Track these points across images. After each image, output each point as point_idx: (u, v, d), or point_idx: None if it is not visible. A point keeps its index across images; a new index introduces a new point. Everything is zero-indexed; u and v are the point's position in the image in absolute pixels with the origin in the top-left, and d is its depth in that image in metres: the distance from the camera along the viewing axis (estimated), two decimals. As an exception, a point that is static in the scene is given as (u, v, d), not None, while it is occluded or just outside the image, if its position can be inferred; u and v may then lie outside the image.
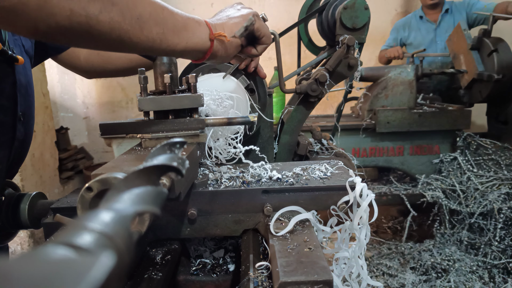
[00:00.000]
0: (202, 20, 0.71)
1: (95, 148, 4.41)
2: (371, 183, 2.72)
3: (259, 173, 0.83)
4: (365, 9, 1.15)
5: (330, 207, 0.76)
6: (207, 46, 0.71)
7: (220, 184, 0.79)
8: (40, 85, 2.89)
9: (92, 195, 0.48)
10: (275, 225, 0.70)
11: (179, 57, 0.74)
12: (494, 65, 2.46)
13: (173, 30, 0.64)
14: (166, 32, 0.63)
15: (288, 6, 4.10)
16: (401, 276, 2.18)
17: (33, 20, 0.49)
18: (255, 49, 0.84)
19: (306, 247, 0.63)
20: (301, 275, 0.54)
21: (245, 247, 0.73)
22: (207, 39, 0.70)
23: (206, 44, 0.71)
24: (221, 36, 0.72)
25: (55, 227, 0.74)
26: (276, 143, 1.23)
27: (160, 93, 0.79)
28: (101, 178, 0.48)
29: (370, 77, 2.72)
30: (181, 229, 0.77)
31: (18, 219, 0.84)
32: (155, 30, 0.61)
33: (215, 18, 0.77)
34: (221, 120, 0.79)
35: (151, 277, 0.67)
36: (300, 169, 0.87)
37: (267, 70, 1.12)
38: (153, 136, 0.76)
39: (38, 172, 2.85)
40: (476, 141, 2.48)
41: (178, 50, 0.66)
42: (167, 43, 0.64)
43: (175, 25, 0.64)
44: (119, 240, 0.25)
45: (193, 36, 0.68)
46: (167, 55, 0.75)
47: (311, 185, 0.77)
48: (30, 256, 0.20)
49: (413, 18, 3.30)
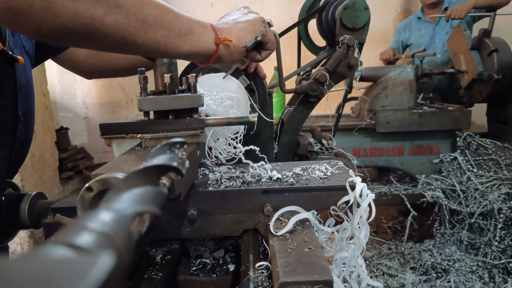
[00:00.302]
0: (208, 24, 0.71)
1: (95, 148, 4.41)
2: (371, 183, 2.72)
3: (259, 173, 0.83)
4: (365, 9, 1.15)
5: (330, 207, 0.76)
6: (212, 50, 0.71)
7: (220, 184, 0.78)
8: (40, 85, 2.89)
9: (92, 195, 0.48)
10: (275, 225, 0.70)
11: (184, 60, 0.74)
12: (494, 65, 2.46)
13: (178, 33, 0.64)
14: (170, 35, 0.63)
15: (288, 6, 4.10)
16: (401, 276, 2.18)
17: (38, 21, 0.49)
18: (259, 54, 0.84)
19: (306, 247, 0.63)
20: (301, 275, 0.54)
21: (245, 247, 0.73)
22: (213, 43, 0.70)
23: (212, 48, 0.71)
24: (227, 41, 0.72)
25: (55, 227, 0.74)
26: (276, 143, 1.23)
27: (160, 93, 0.79)
28: (101, 178, 0.48)
29: (370, 77, 2.72)
30: (181, 229, 0.77)
31: (18, 219, 0.84)
32: (160, 33, 0.61)
33: (221, 22, 0.76)
34: (221, 120, 0.79)
35: (151, 277, 0.67)
36: (300, 169, 0.87)
37: (267, 70, 1.12)
38: (153, 136, 0.76)
39: (38, 172, 2.85)
40: (476, 141, 2.48)
41: (182, 53, 0.66)
42: (171, 46, 0.64)
43: (180, 29, 0.64)
44: (119, 240, 0.25)
45: (198, 40, 0.68)
46: (172, 57, 0.75)
47: (311, 185, 0.76)
48: (30, 256, 0.20)
49: (413, 20, 3.32)
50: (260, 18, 0.80)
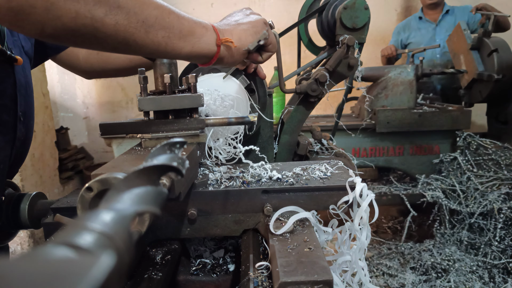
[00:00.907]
0: (209, 25, 0.70)
1: (95, 148, 4.41)
2: (371, 183, 2.72)
3: (259, 173, 0.83)
4: (365, 9, 1.15)
5: (330, 207, 0.76)
6: (213, 51, 0.71)
7: (220, 184, 0.78)
8: (40, 85, 2.89)
9: (92, 195, 0.48)
10: (275, 225, 0.70)
11: (186, 60, 0.74)
12: (494, 65, 2.46)
13: (179, 34, 0.64)
14: (171, 36, 0.63)
15: (288, 6, 4.10)
16: (401, 276, 2.18)
17: (41, 22, 0.50)
18: (260, 56, 0.84)
19: (306, 247, 0.63)
20: (301, 275, 0.54)
21: (245, 247, 0.73)
22: (214, 44, 0.70)
23: (213, 49, 0.70)
24: (228, 42, 0.72)
25: (55, 227, 0.74)
26: (276, 143, 1.23)
27: (160, 93, 0.79)
28: (101, 178, 0.48)
29: (370, 77, 2.72)
30: (181, 229, 0.77)
31: (18, 219, 0.84)
32: (161, 34, 0.61)
33: (222, 23, 0.76)
34: (221, 120, 0.79)
35: (151, 277, 0.67)
36: (300, 169, 0.87)
37: (267, 70, 1.12)
38: (153, 136, 0.76)
39: (38, 172, 2.85)
40: (476, 141, 2.48)
41: (183, 54, 0.66)
42: (172, 46, 0.64)
43: (181, 30, 0.64)
44: (119, 240, 0.25)
45: (199, 41, 0.68)
46: (173, 58, 0.75)
47: (311, 185, 0.77)
48: (30, 256, 0.20)
49: (412, 20, 3.32)
50: (262, 20, 0.80)
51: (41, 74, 2.95)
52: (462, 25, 2.68)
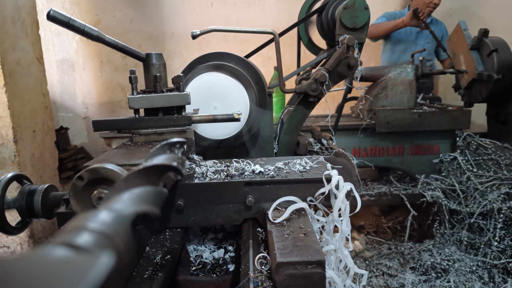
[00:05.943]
0: None
1: (95, 148, 4.40)
2: (371, 183, 2.72)
3: (243, 167, 0.86)
4: (365, 9, 1.15)
5: (307, 199, 0.80)
6: None
7: (206, 177, 0.82)
8: (40, 85, 2.88)
9: (83, 183, 0.52)
10: (273, 214, 0.74)
11: None
12: (494, 65, 2.46)
13: None
14: None
15: (288, 6, 4.10)
16: (401, 276, 2.18)
17: None
18: None
19: (301, 232, 0.67)
20: (296, 256, 0.58)
21: (245, 234, 0.77)
22: None
23: None
24: None
25: (68, 216, 0.77)
26: (276, 143, 1.23)
27: (150, 92, 0.83)
28: (91, 168, 0.52)
29: (370, 77, 2.72)
30: (169, 219, 0.81)
31: (32, 210, 0.86)
32: None
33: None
34: (206, 117, 0.83)
35: (151, 277, 0.67)
36: (282, 163, 0.90)
37: (267, 70, 1.12)
38: (143, 132, 0.80)
39: (38, 172, 2.85)
40: (476, 141, 2.48)
41: None
42: None
43: None
44: (119, 240, 0.25)
45: None
46: None
47: (290, 178, 0.80)
48: (30, 256, 0.20)
49: (399, 15, 3.27)
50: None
51: (41, 74, 2.94)
52: (462, 25, 2.67)
